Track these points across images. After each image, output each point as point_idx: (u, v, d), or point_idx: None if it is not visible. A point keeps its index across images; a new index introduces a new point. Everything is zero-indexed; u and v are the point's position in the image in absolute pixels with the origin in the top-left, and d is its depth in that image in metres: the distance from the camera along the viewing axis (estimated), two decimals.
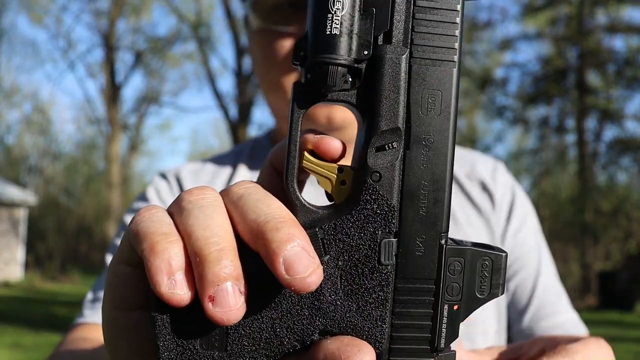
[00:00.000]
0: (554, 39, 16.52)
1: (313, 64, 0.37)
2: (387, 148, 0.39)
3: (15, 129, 24.14)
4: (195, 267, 0.37)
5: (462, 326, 0.41)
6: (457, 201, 0.98)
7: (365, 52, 0.38)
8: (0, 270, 15.66)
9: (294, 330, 0.39)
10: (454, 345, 0.41)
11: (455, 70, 0.39)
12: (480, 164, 1.03)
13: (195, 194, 0.40)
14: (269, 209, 0.38)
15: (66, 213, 20.04)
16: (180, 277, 0.36)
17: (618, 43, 30.93)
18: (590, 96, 16.00)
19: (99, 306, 0.93)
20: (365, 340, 0.39)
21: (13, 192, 16.21)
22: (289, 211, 0.38)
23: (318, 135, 0.41)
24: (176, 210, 0.40)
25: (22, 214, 16.35)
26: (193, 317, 0.38)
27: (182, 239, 0.38)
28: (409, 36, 0.39)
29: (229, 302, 0.35)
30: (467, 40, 16.17)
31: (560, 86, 16.28)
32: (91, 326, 0.92)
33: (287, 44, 0.90)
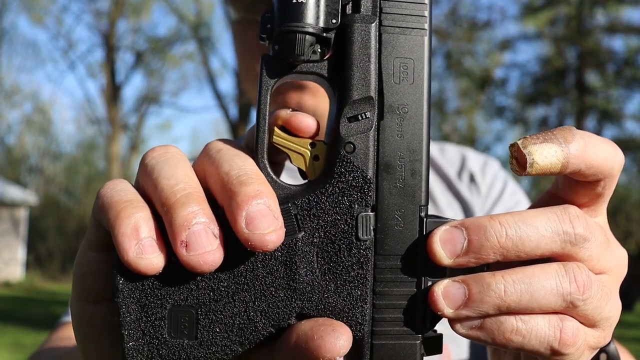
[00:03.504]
0: (554, 39, 16.52)
1: (280, 33, 0.36)
2: (360, 118, 0.38)
3: (15, 129, 24.15)
4: (164, 217, 0.35)
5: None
6: (447, 201, 0.97)
7: (334, 21, 0.37)
8: (1, 270, 15.65)
9: (268, 315, 0.37)
10: (440, 328, 0.39)
11: (426, 39, 0.38)
12: (471, 158, 1.03)
13: (157, 151, 0.39)
14: (245, 165, 0.37)
15: (67, 213, 20.04)
16: (148, 242, 0.35)
17: (617, 43, 30.90)
18: (589, 96, 16.00)
19: None
20: (345, 322, 0.37)
21: (14, 192, 16.21)
22: (262, 174, 0.37)
23: (290, 112, 0.39)
24: (142, 170, 0.39)
25: (22, 214, 16.34)
26: (160, 302, 0.36)
27: (150, 196, 0.37)
28: (378, 4, 0.38)
29: (203, 243, 0.34)
30: (467, 40, 16.17)
31: (559, 86, 16.28)
32: None
33: None
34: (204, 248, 0.34)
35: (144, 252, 0.35)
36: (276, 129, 0.39)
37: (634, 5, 15.50)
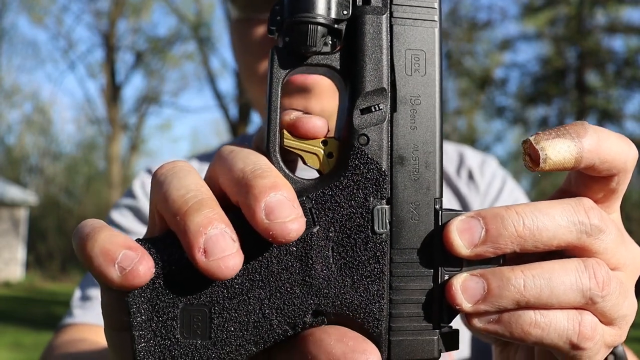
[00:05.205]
0: (554, 39, 16.52)
1: (291, 24, 0.36)
2: (373, 110, 0.37)
3: (16, 129, 24.15)
4: (177, 227, 0.34)
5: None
6: (446, 197, 0.97)
7: (345, 12, 0.37)
8: (1, 270, 15.65)
9: (284, 312, 0.35)
10: (456, 323, 0.38)
11: (437, 30, 0.38)
12: (469, 156, 1.03)
13: (166, 167, 0.39)
14: (259, 160, 0.36)
15: (67, 213, 20.04)
16: (124, 254, 0.34)
17: (617, 43, 30.90)
18: (589, 96, 15.99)
19: (89, 305, 0.91)
20: (363, 319, 0.36)
21: (14, 192, 16.20)
22: (276, 169, 0.36)
23: (294, 116, 0.38)
24: (153, 189, 0.38)
25: (22, 214, 16.34)
26: (172, 302, 0.35)
27: (162, 212, 0.36)
28: None
29: (222, 246, 0.32)
30: (467, 40, 16.18)
31: (559, 86, 16.28)
32: (85, 327, 0.89)
33: (261, 30, 0.89)
34: (223, 252, 0.32)
35: (126, 268, 0.33)
36: (286, 132, 0.38)
37: (634, 5, 15.50)
